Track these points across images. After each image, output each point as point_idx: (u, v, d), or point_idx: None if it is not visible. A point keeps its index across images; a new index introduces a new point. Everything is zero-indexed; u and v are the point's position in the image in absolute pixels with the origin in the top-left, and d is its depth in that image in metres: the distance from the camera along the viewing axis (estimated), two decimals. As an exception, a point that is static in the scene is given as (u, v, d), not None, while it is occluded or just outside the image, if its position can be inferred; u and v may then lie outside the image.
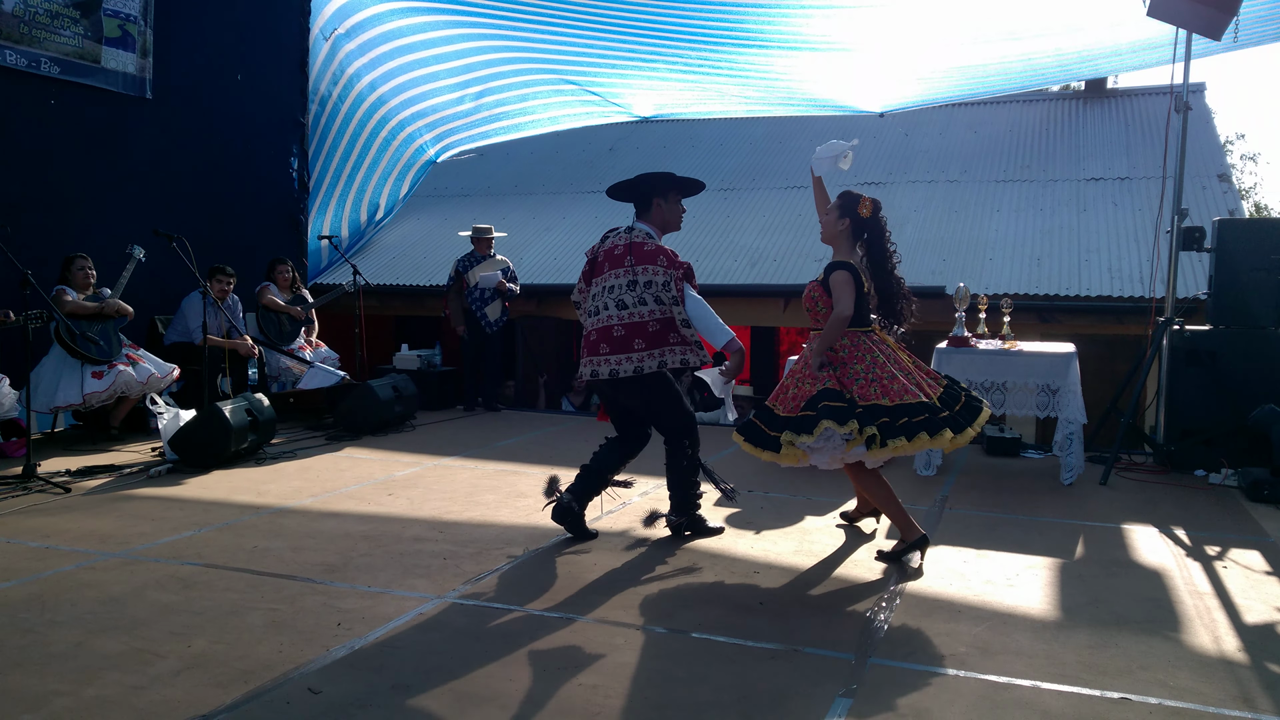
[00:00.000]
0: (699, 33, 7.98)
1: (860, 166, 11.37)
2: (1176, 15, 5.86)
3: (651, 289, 4.08)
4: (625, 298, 4.11)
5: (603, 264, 4.26)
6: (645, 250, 4.18)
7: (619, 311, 4.11)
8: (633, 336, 4.07)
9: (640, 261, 4.14)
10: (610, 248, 4.28)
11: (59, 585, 3.53)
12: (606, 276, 4.21)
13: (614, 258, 4.22)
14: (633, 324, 4.08)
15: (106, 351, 6.29)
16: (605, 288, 4.18)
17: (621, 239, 4.28)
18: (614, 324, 4.11)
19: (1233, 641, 3.15)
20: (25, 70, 6.67)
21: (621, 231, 4.33)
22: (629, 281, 4.12)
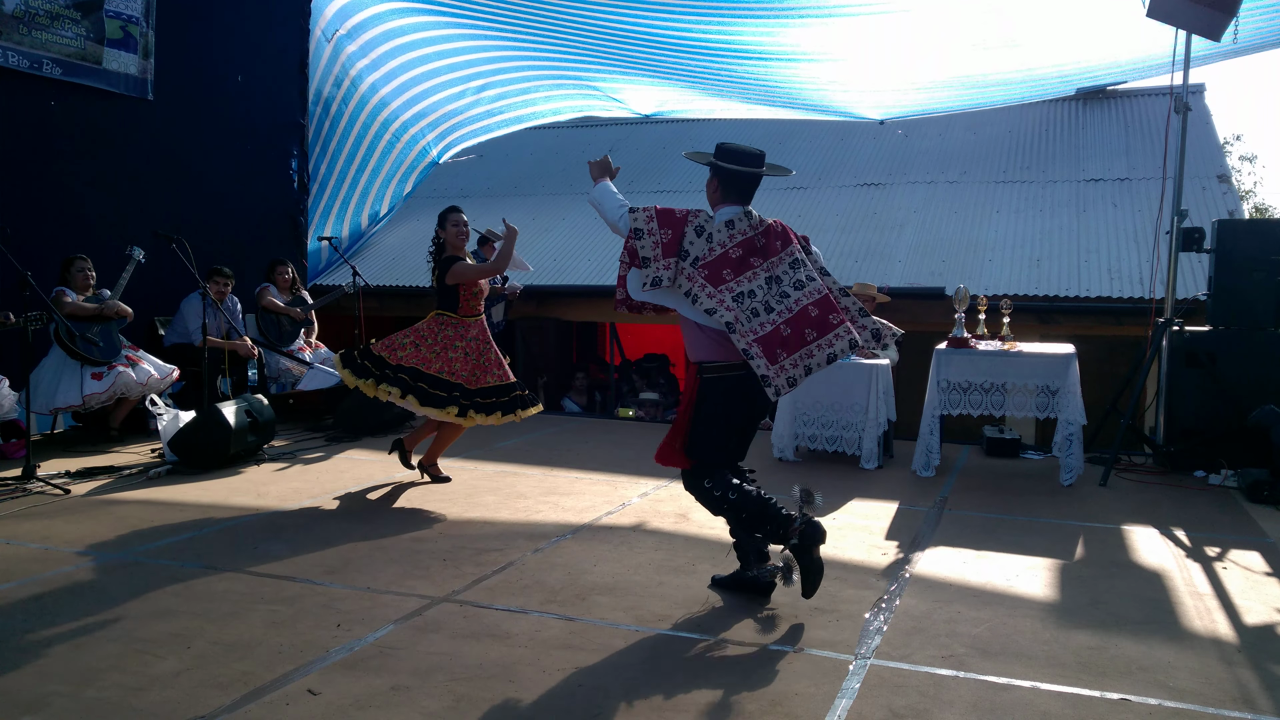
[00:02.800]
0: (698, 42, 7.99)
1: (860, 168, 11.38)
2: (1176, 16, 5.87)
3: (805, 266, 3.61)
4: (800, 276, 3.56)
5: (755, 255, 3.60)
6: (780, 231, 3.69)
7: (797, 292, 3.53)
8: (826, 313, 3.53)
9: (786, 243, 3.64)
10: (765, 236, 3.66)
11: (59, 586, 3.53)
12: (768, 265, 3.59)
13: (760, 249, 3.61)
14: (821, 300, 3.54)
15: (106, 353, 6.29)
16: (772, 277, 3.55)
17: (760, 225, 3.66)
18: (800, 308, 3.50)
19: (1233, 642, 3.15)
20: (27, 71, 6.68)
21: (751, 218, 3.67)
22: (791, 263, 3.58)
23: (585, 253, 10.64)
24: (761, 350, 3.40)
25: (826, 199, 10.75)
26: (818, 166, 11.64)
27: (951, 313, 6.09)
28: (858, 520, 4.71)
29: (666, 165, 12.46)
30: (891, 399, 6.15)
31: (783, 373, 3.41)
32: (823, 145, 12.18)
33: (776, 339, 3.43)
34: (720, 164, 3.68)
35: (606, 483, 5.55)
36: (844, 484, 5.57)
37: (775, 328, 3.44)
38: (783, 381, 3.41)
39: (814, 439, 6.22)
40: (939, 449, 5.87)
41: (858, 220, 10.09)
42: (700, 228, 3.55)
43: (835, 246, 9.59)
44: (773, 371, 3.38)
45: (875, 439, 6.07)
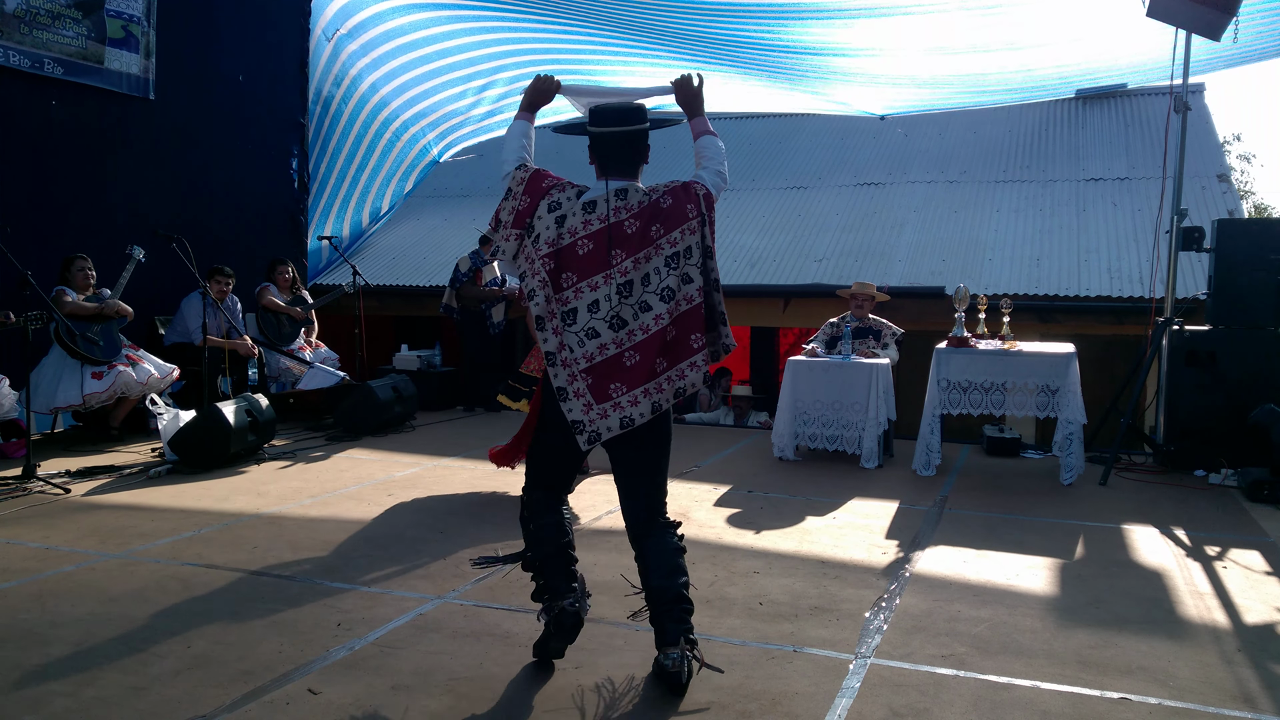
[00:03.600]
0: (700, 35, 7.98)
1: (860, 167, 11.37)
2: (1176, 16, 5.87)
3: (689, 261, 2.80)
4: (670, 281, 2.79)
5: (590, 259, 2.82)
6: (669, 210, 2.83)
7: (662, 304, 2.79)
8: (687, 333, 2.81)
9: (675, 225, 2.81)
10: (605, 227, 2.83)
11: (59, 586, 3.53)
12: (633, 261, 2.80)
13: (625, 239, 2.81)
14: (688, 314, 2.82)
15: (106, 352, 6.29)
16: (629, 282, 2.80)
17: (635, 207, 2.84)
18: (629, 345, 2.80)
19: (1233, 641, 3.15)
20: (28, 71, 6.67)
21: (625, 197, 2.85)
22: (669, 258, 2.80)
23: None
24: (589, 384, 2.75)
25: (826, 199, 10.74)
26: (818, 166, 11.63)
27: (951, 312, 6.09)
28: (858, 519, 4.71)
29: (665, 165, 12.45)
30: (891, 398, 6.15)
31: (614, 412, 2.73)
32: (823, 145, 12.18)
33: (616, 368, 2.75)
34: (589, 129, 2.97)
35: (606, 482, 5.54)
36: (844, 483, 5.57)
37: (620, 353, 2.76)
38: (605, 426, 2.73)
39: (814, 438, 6.22)
40: (939, 448, 5.87)
41: (858, 220, 10.09)
42: (556, 203, 2.85)
43: (835, 246, 9.59)
44: (594, 414, 2.74)
45: (875, 438, 6.07)
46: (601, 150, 2.92)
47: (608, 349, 2.76)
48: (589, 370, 2.76)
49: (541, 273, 2.79)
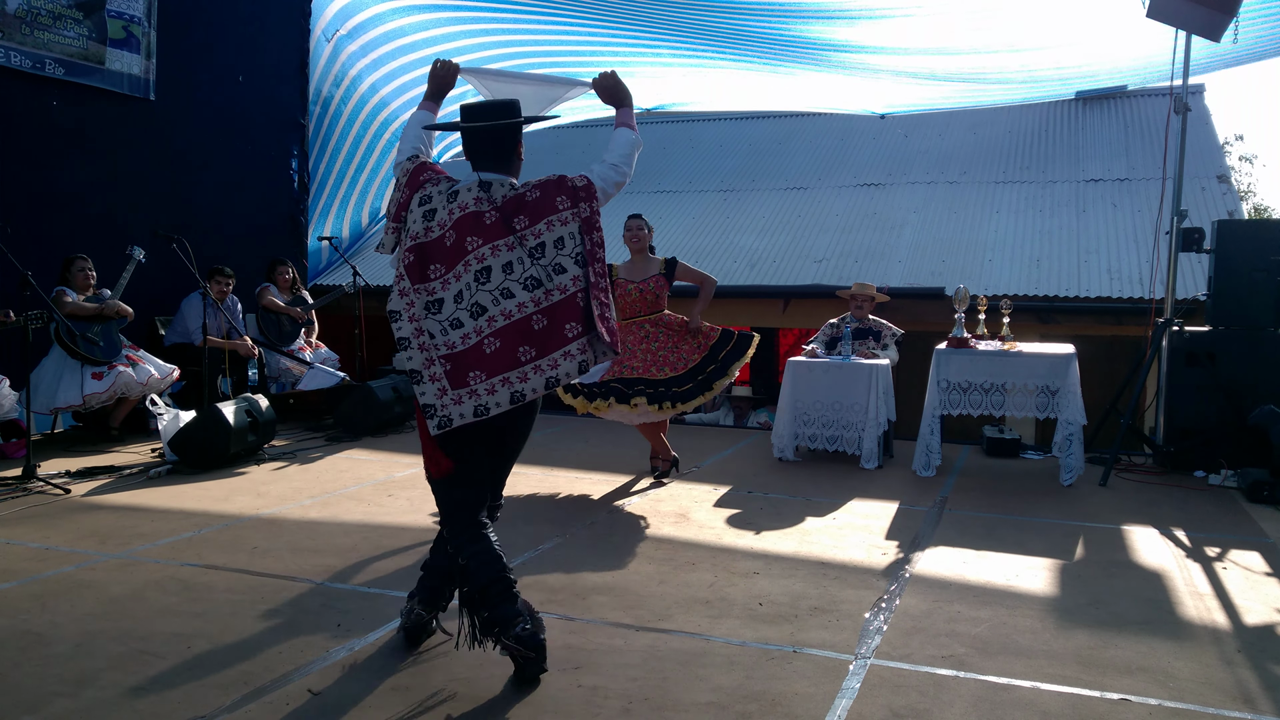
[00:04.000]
0: (701, 28, 7.99)
1: (860, 168, 11.38)
2: (1176, 16, 5.88)
3: (561, 252, 2.78)
4: (537, 272, 2.76)
5: (451, 249, 2.79)
6: (534, 202, 2.81)
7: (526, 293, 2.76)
8: (561, 323, 2.77)
9: (540, 217, 2.79)
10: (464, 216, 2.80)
11: (59, 586, 3.53)
12: (492, 249, 2.77)
13: (484, 228, 2.78)
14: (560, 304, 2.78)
15: (106, 352, 6.29)
16: (487, 269, 2.76)
17: (498, 200, 2.82)
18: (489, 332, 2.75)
19: (1232, 642, 3.15)
20: (30, 71, 6.68)
21: (489, 189, 2.84)
22: (534, 249, 2.78)
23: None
24: (447, 370, 2.71)
25: (826, 199, 10.75)
26: (818, 166, 11.64)
27: (951, 313, 6.09)
28: (858, 520, 4.71)
29: (668, 165, 12.47)
30: (891, 399, 6.15)
31: (469, 399, 2.70)
32: (823, 145, 12.19)
33: (476, 356, 2.72)
34: (460, 124, 2.96)
35: (606, 483, 5.55)
36: (844, 484, 5.57)
37: (480, 340, 2.72)
38: (458, 413, 2.69)
39: (814, 439, 6.22)
40: (939, 449, 5.87)
41: (858, 220, 10.09)
42: (427, 197, 2.85)
43: (835, 247, 9.59)
44: (448, 399, 2.70)
45: (875, 439, 6.07)
46: (470, 145, 2.93)
47: (469, 338, 2.74)
48: (449, 357, 2.73)
49: (399, 267, 2.82)
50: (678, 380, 5.24)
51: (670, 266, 5.42)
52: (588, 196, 2.84)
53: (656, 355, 5.32)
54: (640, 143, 3.07)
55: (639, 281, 5.39)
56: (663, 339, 5.36)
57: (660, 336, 5.35)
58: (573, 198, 2.82)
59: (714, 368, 5.31)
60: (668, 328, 5.38)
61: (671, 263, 5.43)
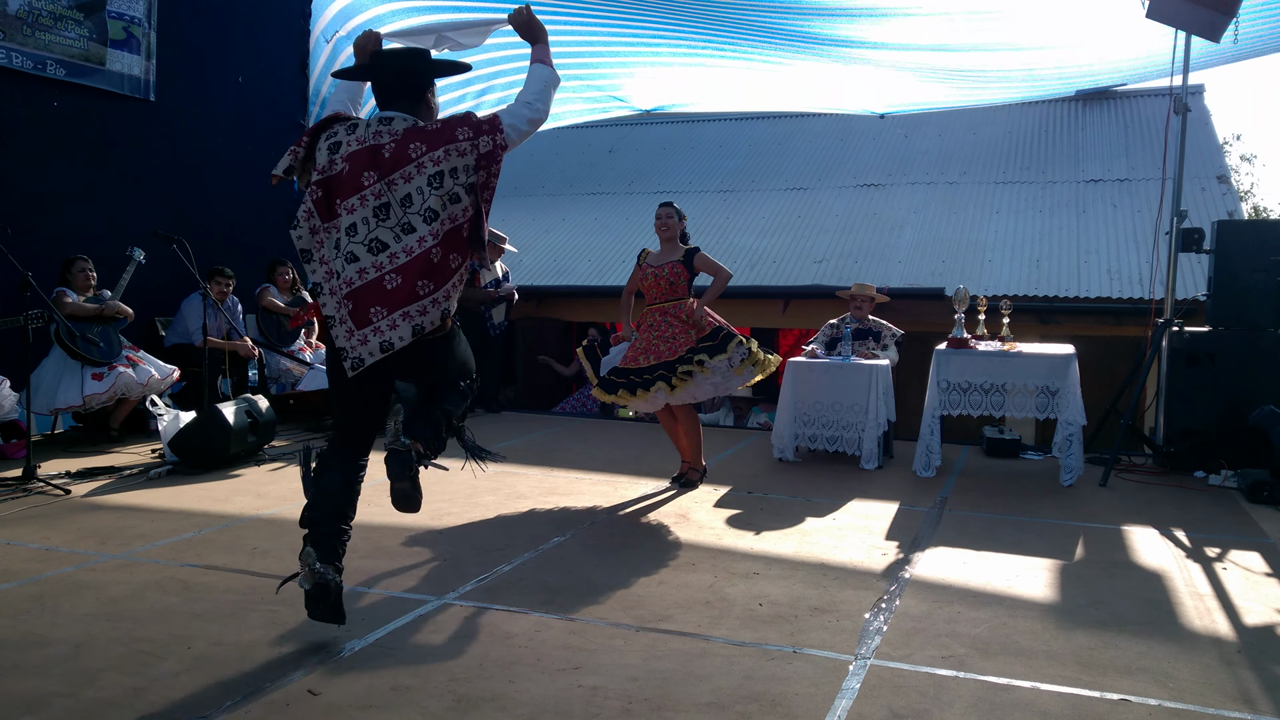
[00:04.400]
0: (702, 18, 7.99)
1: (860, 168, 11.38)
2: (1175, 17, 5.88)
3: (456, 181, 2.77)
4: (433, 202, 2.76)
5: (348, 182, 2.80)
6: (434, 131, 2.82)
7: (426, 226, 2.77)
8: (448, 252, 2.78)
9: (438, 144, 2.77)
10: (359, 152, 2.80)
11: (59, 587, 3.53)
12: (388, 182, 2.77)
13: (380, 162, 2.78)
14: (450, 234, 2.80)
15: (106, 353, 6.29)
16: (387, 204, 2.76)
17: (397, 132, 2.82)
18: (390, 268, 2.77)
19: (1233, 642, 3.15)
20: (31, 72, 6.69)
21: (390, 123, 2.84)
22: (432, 178, 2.76)
23: (585, 253, 10.65)
24: (350, 310, 2.71)
25: (826, 199, 10.75)
26: (818, 166, 11.65)
27: (951, 313, 6.09)
28: (858, 520, 4.71)
29: (668, 165, 12.48)
30: (891, 399, 6.15)
31: (374, 337, 2.70)
32: (823, 145, 12.19)
33: (376, 292, 2.70)
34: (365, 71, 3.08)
35: (606, 483, 5.55)
36: (844, 484, 5.57)
37: (380, 276, 2.70)
38: (366, 351, 2.71)
39: (814, 439, 6.22)
40: (939, 449, 5.87)
41: (858, 220, 10.10)
42: (333, 132, 2.87)
43: (835, 247, 9.59)
44: (356, 339, 2.71)
45: (875, 439, 6.07)
46: (380, 90, 2.98)
47: (367, 273, 2.73)
48: (350, 295, 2.74)
49: (308, 202, 2.81)
50: (669, 364, 5.08)
51: (690, 255, 5.33)
52: (491, 130, 2.82)
53: (651, 344, 5.22)
54: (557, 80, 3.05)
55: (657, 266, 5.34)
56: (666, 333, 5.26)
57: (663, 328, 5.28)
58: (475, 129, 2.80)
59: (710, 344, 5.12)
60: (675, 318, 5.27)
61: (691, 251, 5.34)
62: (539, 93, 2.99)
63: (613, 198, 11.89)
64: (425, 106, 2.98)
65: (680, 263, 5.30)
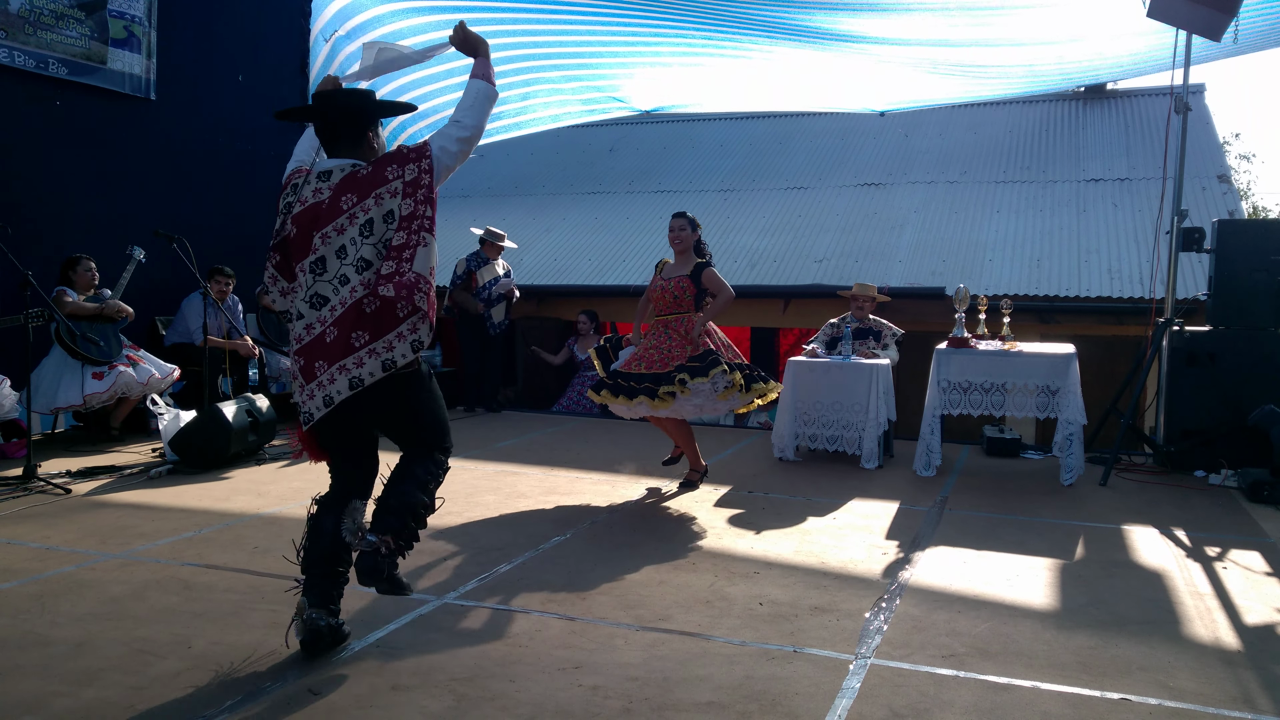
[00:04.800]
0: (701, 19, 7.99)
1: (860, 168, 11.38)
2: (1176, 16, 5.88)
3: (390, 226, 2.77)
4: (365, 252, 2.77)
5: (298, 244, 2.84)
6: (365, 177, 2.81)
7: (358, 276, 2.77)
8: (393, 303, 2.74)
9: (368, 192, 2.77)
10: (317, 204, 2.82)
11: (59, 586, 3.53)
12: (323, 236, 2.78)
13: (320, 216, 2.80)
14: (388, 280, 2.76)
15: (107, 352, 6.30)
16: (322, 259, 2.79)
17: (314, 186, 2.87)
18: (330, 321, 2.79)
19: (1233, 642, 3.15)
20: (33, 71, 6.69)
21: (317, 176, 2.89)
22: (363, 227, 2.77)
23: (585, 253, 10.65)
24: (300, 366, 2.76)
25: (826, 199, 10.75)
26: (818, 166, 11.64)
27: (951, 312, 6.09)
28: (858, 520, 4.71)
29: (668, 165, 12.47)
30: (892, 399, 6.15)
31: (319, 391, 2.73)
32: (823, 145, 12.19)
33: (319, 347, 2.74)
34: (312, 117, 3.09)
35: (607, 483, 5.55)
36: (844, 484, 5.57)
37: (323, 330, 2.74)
38: (314, 406, 2.74)
39: (814, 439, 6.22)
40: (939, 449, 5.87)
41: (858, 220, 10.10)
42: (289, 194, 2.91)
43: (835, 246, 9.59)
44: (305, 394, 2.75)
45: (875, 439, 6.07)
46: (323, 133, 2.99)
47: (313, 328, 2.77)
48: (300, 352, 2.79)
49: (269, 268, 2.89)
50: (638, 377, 5.06)
51: (698, 271, 5.24)
52: (417, 157, 2.80)
53: (647, 353, 5.20)
54: (494, 94, 3.03)
55: (667, 279, 5.31)
56: (663, 344, 5.22)
57: (663, 340, 5.24)
58: (401, 162, 2.78)
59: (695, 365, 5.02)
60: (676, 332, 5.23)
61: (700, 267, 5.25)
62: (470, 108, 2.96)
63: (613, 197, 11.89)
64: (367, 146, 2.97)
65: (688, 278, 5.26)
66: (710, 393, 4.99)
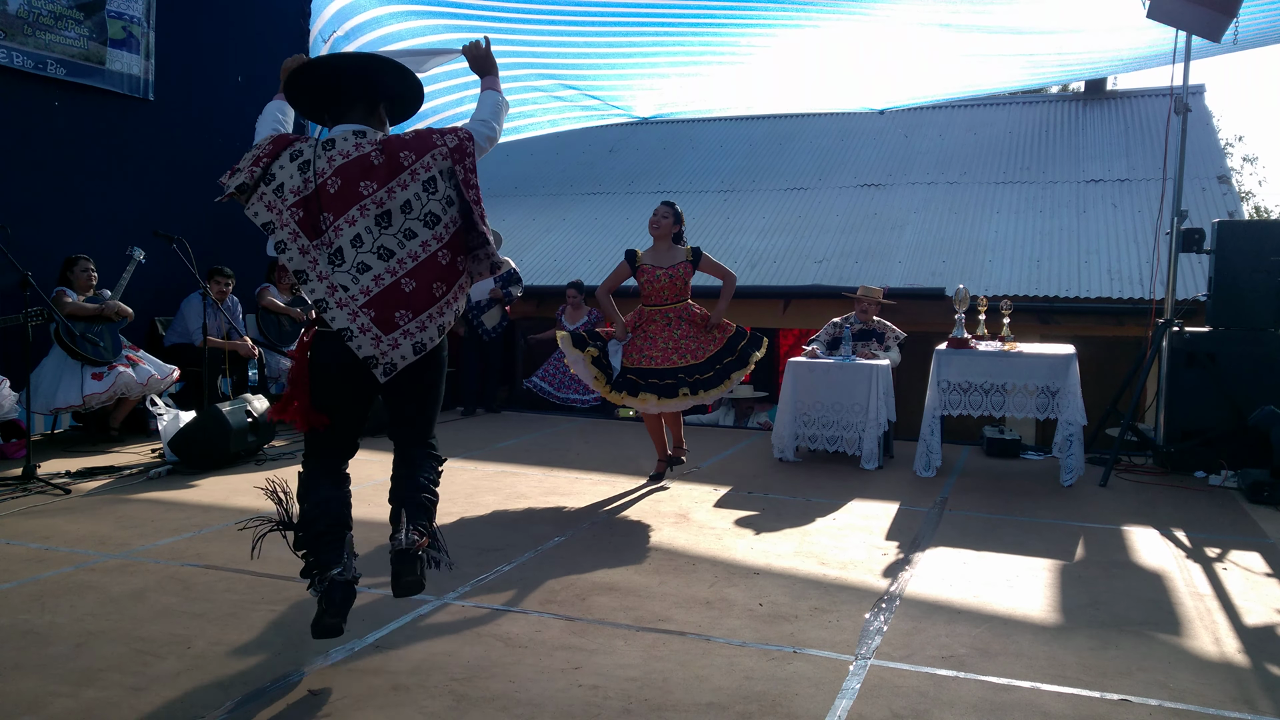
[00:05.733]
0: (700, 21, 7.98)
1: (860, 168, 11.38)
2: (1176, 17, 5.88)
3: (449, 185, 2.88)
4: (434, 206, 2.85)
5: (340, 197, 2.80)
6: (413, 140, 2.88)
7: (428, 230, 2.85)
8: (455, 255, 2.88)
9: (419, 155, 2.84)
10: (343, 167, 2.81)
11: (59, 587, 3.53)
12: (386, 191, 2.81)
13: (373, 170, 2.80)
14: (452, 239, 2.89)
15: (106, 353, 6.29)
16: (387, 211, 2.81)
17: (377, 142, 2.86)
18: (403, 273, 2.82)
19: (1233, 643, 3.15)
20: (31, 72, 6.69)
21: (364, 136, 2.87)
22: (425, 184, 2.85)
23: (585, 252, 10.64)
24: (373, 317, 2.73)
25: (826, 199, 10.75)
26: (818, 166, 11.64)
27: (951, 313, 6.09)
28: (858, 520, 4.71)
29: (668, 165, 12.48)
30: (892, 399, 6.15)
31: (405, 340, 2.76)
32: (823, 145, 12.19)
33: (396, 296, 2.76)
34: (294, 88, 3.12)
35: (606, 483, 5.55)
36: (844, 484, 5.57)
37: (396, 280, 2.76)
38: (399, 355, 2.76)
39: (814, 439, 6.22)
40: (939, 450, 5.87)
41: (858, 220, 10.10)
42: (299, 151, 2.83)
43: (835, 246, 9.59)
44: (384, 345, 2.74)
45: (875, 439, 6.07)
46: (341, 97, 2.97)
47: (383, 279, 2.77)
48: (370, 304, 2.76)
49: (291, 224, 2.78)
50: (699, 367, 5.24)
51: (696, 255, 5.38)
52: (454, 131, 2.94)
53: (678, 343, 5.31)
54: (507, 105, 3.20)
55: (667, 268, 5.35)
56: (685, 328, 5.36)
57: (682, 325, 5.35)
58: (443, 133, 2.91)
59: (731, 359, 5.30)
60: (689, 319, 5.37)
61: (696, 252, 5.39)
62: (493, 114, 3.10)
63: (613, 197, 11.89)
64: (378, 118, 2.99)
65: (688, 263, 5.35)
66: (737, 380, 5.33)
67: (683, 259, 5.36)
